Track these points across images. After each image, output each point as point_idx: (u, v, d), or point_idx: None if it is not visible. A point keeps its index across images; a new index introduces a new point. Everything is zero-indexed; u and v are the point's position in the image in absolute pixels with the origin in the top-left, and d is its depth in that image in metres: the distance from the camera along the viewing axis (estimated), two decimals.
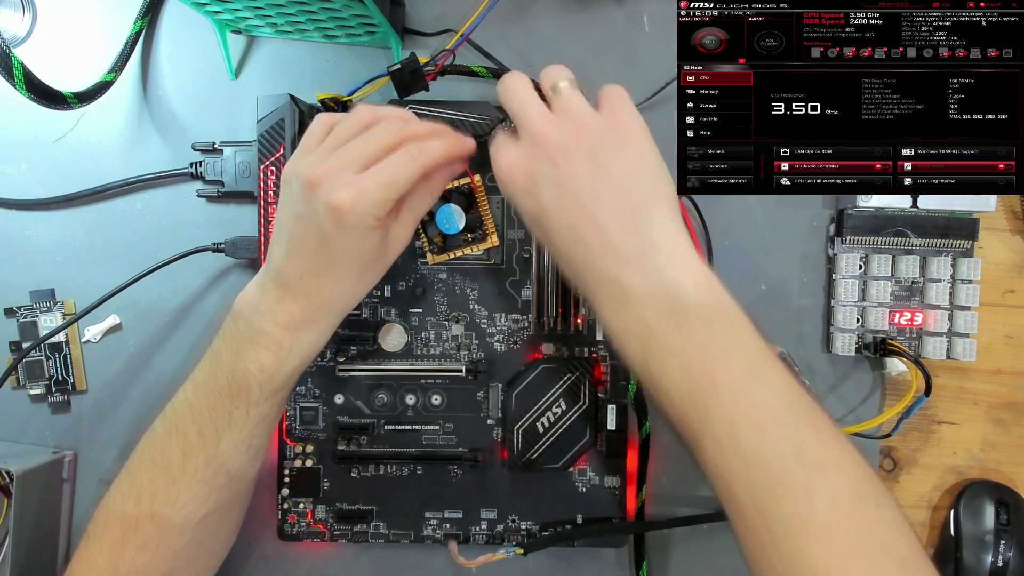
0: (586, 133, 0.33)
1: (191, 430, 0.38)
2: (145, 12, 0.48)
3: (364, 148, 0.36)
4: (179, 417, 0.39)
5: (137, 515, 0.38)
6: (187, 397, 0.39)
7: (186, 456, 0.38)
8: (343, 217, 0.34)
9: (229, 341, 0.38)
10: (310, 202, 0.35)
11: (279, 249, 0.37)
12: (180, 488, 0.38)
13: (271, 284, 0.37)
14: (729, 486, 0.30)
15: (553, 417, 0.46)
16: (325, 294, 0.37)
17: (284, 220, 0.37)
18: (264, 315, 0.37)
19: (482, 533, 0.48)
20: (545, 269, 0.46)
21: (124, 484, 0.39)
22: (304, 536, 0.48)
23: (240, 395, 0.37)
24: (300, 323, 0.37)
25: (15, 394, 0.49)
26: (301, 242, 0.36)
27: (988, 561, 0.46)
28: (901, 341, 0.47)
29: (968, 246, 0.47)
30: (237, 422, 0.38)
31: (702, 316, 0.32)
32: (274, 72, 0.50)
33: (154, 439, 0.39)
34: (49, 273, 0.49)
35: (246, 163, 0.47)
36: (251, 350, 0.37)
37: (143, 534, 0.38)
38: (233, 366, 0.37)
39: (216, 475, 0.38)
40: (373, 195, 0.34)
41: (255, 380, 0.37)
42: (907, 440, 0.50)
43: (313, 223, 0.35)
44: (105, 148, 0.49)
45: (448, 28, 0.48)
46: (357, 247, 0.36)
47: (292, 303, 0.37)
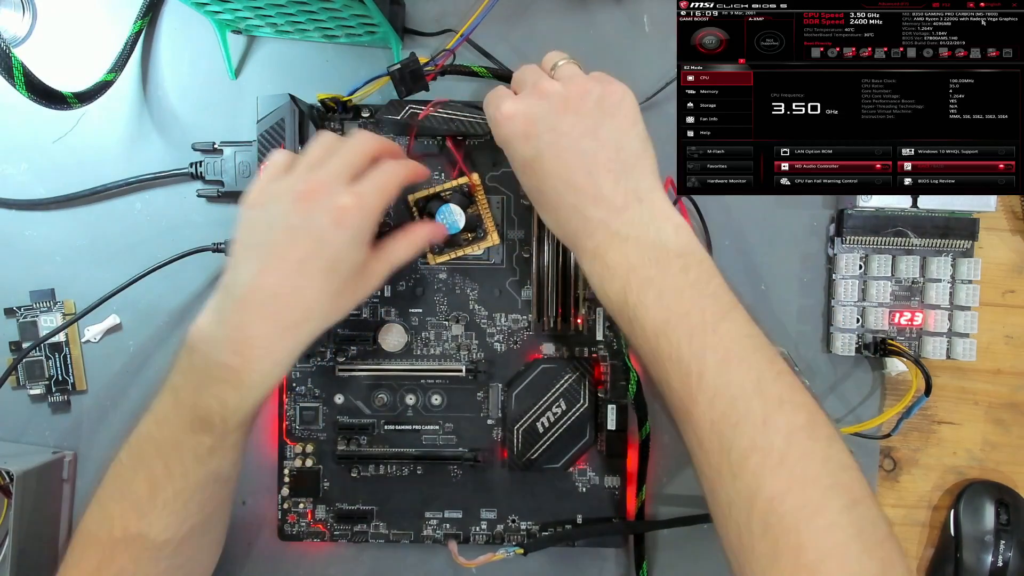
0: (586, 94, 0.36)
1: (157, 464, 0.37)
2: (145, 12, 0.48)
3: (347, 158, 0.38)
4: (143, 451, 0.37)
5: (111, 546, 0.37)
6: (149, 431, 0.38)
7: (154, 490, 0.36)
8: (345, 219, 0.36)
9: (187, 376, 0.37)
10: (308, 211, 0.36)
11: (251, 267, 0.36)
12: (151, 520, 0.37)
13: (233, 308, 0.36)
14: (693, 418, 0.33)
15: (553, 417, 0.46)
16: (298, 310, 0.36)
17: (259, 238, 0.37)
18: (223, 346, 0.36)
19: (482, 533, 0.48)
20: (545, 269, 0.46)
21: (96, 513, 0.38)
22: (304, 536, 0.48)
23: (205, 430, 0.36)
24: (263, 351, 0.36)
25: (15, 394, 0.49)
26: (284, 253, 0.36)
27: (988, 561, 0.46)
28: (901, 341, 0.47)
29: (968, 246, 0.47)
30: (203, 456, 0.37)
31: (681, 260, 0.34)
32: (274, 72, 0.50)
33: (121, 471, 0.38)
34: (49, 273, 0.49)
35: (246, 163, 0.47)
36: (211, 385, 0.36)
37: (118, 563, 0.37)
38: (194, 402, 0.36)
39: (187, 505, 0.37)
40: (371, 199, 0.37)
41: (218, 416, 0.36)
42: (907, 440, 0.50)
43: (308, 231, 0.36)
44: (105, 148, 0.49)
45: (448, 28, 0.48)
46: (345, 256, 0.37)
47: (256, 327, 0.35)
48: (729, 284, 0.36)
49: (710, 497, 0.34)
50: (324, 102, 0.46)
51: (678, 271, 0.34)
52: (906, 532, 0.50)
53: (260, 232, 0.37)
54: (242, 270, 0.37)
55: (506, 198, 0.48)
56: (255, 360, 0.36)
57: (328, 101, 0.46)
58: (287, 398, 0.48)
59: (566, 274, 0.46)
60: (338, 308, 0.38)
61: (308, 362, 0.48)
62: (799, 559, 0.30)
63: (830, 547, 0.30)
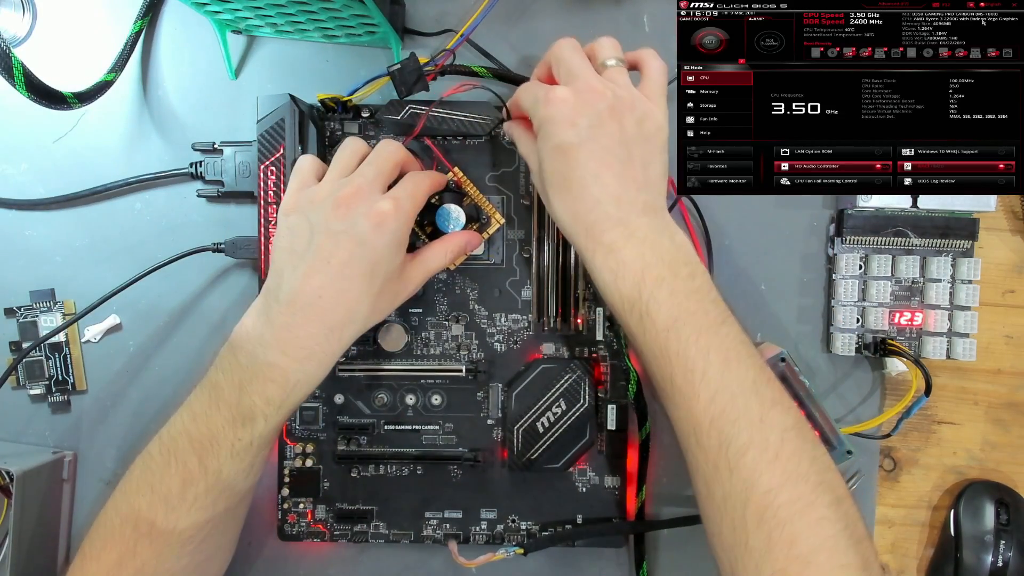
0: (632, 110, 0.38)
1: (191, 460, 0.38)
2: (145, 12, 0.48)
3: (380, 166, 0.40)
4: (177, 445, 0.38)
5: (135, 540, 0.38)
6: (185, 426, 0.38)
7: (186, 485, 0.37)
8: (385, 223, 0.38)
9: (229, 375, 0.38)
10: (347, 216, 0.38)
11: (296, 272, 0.38)
12: (179, 515, 0.38)
13: (280, 309, 0.38)
14: (694, 415, 0.35)
15: (553, 417, 0.46)
16: (341, 312, 0.38)
17: (302, 244, 0.38)
18: (270, 346, 0.37)
19: (482, 533, 0.48)
20: (545, 269, 0.46)
21: (122, 507, 0.39)
22: (304, 536, 0.48)
23: (245, 427, 0.37)
24: (308, 351, 0.38)
25: (15, 394, 0.49)
26: (328, 257, 0.37)
27: (988, 561, 0.46)
28: (901, 341, 0.47)
29: (968, 246, 0.47)
30: (240, 452, 0.38)
31: (688, 268, 0.37)
32: (274, 72, 0.50)
33: (151, 465, 0.39)
34: (49, 273, 0.49)
35: (246, 163, 0.47)
36: (256, 383, 0.37)
37: (140, 558, 0.38)
38: (238, 400, 0.37)
39: (216, 501, 0.38)
40: (407, 204, 0.39)
41: (261, 413, 0.37)
42: (907, 440, 0.50)
43: (350, 234, 0.38)
44: (105, 148, 0.49)
45: (448, 28, 0.48)
46: (385, 259, 0.39)
47: (303, 328, 0.37)
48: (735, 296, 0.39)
49: (704, 494, 0.35)
50: (324, 102, 0.46)
51: (687, 276, 0.36)
52: (906, 532, 0.50)
53: (303, 238, 0.38)
54: (287, 275, 0.38)
55: (506, 198, 0.48)
56: (302, 360, 0.37)
57: (328, 101, 0.46)
58: None
59: (566, 274, 0.46)
60: (378, 311, 0.40)
61: None
62: (791, 551, 0.31)
63: (821, 540, 0.32)
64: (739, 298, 0.49)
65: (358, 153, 0.42)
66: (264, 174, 0.45)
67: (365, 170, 0.40)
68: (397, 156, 0.42)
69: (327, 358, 0.39)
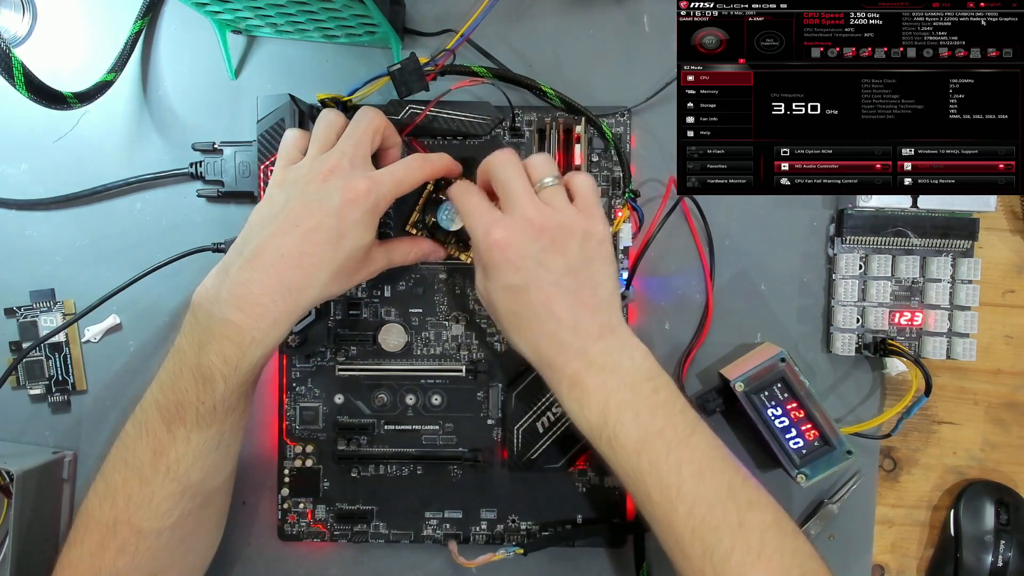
0: (572, 236, 0.38)
1: (160, 428, 0.38)
2: (145, 12, 0.48)
3: (357, 136, 0.40)
4: (147, 416, 0.39)
5: (114, 518, 0.38)
6: (154, 396, 0.39)
7: (157, 455, 0.38)
8: (357, 199, 0.38)
9: (190, 336, 0.38)
10: (323, 186, 0.38)
11: (263, 231, 0.38)
12: (153, 488, 0.38)
13: (241, 265, 0.38)
14: (674, 528, 0.36)
15: (553, 417, 0.46)
16: (300, 273, 0.38)
17: (277, 206, 0.39)
18: (226, 303, 0.37)
19: (482, 533, 0.48)
20: None
21: (100, 487, 0.39)
22: (304, 536, 0.48)
23: (206, 389, 0.37)
24: (263, 308, 0.37)
25: (15, 394, 0.49)
26: (297, 221, 0.38)
27: (988, 561, 0.46)
28: (901, 341, 0.47)
29: (968, 246, 0.47)
30: (205, 417, 0.38)
31: (651, 383, 0.38)
32: (274, 72, 0.50)
33: (125, 440, 0.39)
34: (49, 273, 0.49)
35: (246, 163, 0.47)
36: (213, 342, 0.37)
37: (121, 537, 0.38)
38: (197, 360, 0.37)
39: (189, 472, 0.39)
40: (384, 188, 0.39)
41: (219, 373, 0.37)
42: (907, 440, 0.50)
43: (322, 203, 0.38)
44: (105, 148, 0.49)
45: (448, 28, 0.48)
46: (352, 235, 0.39)
47: (259, 283, 0.37)
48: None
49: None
50: (324, 102, 0.46)
51: (650, 392, 0.37)
52: (906, 532, 0.50)
53: (278, 205, 0.39)
54: (254, 234, 0.39)
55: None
56: (256, 317, 0.37)
57: (328, 101, 0.46)
58: (287, 398, 0.48)
59: None
60: (336, 284, 0.40)
61: (308, 362, 0.48)
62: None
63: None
64: (739, 298, 0.49)
65: (334, 126, 0.42)
66: (264, 174, 0.45)
67: (343, 144, 0.40)
68: (374, 124, 0.41)
69: (282, 318, 0.38)
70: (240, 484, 0.48)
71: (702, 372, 0.49)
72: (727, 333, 0.49)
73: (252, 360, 0.38)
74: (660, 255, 0.49)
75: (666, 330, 0.49)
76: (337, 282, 0.40)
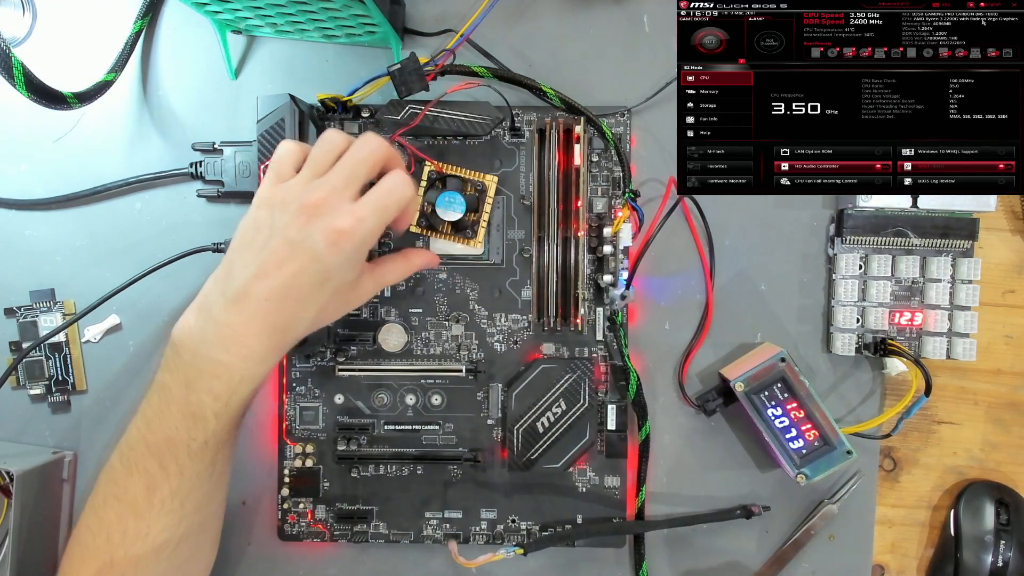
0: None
1: (151, 464, 0.37)
2: (145, 12, 0.48)
3: (353, 169, 0.38)
4: (135, 453, 0.38)
5: (110, 553, 0.37)
6: (140, 433, 0.38)
7: (150, 491, 0.37)
8: (341, 241, 0.36)
9: (175, 373, 0.37)
10: (306, 227, 0.37)
11: (246, 271, 0.37)
12: (149, 521, 0.37)
13: (225, 307, 0.37)
14: None
15: (553, 417, 0.46)
16: (286, 316, 0.37)
17: (260, 241, 0.37)
18: (213, 344, 0.37)
19: (482, 533, 0.48)
20: (545, 269, 0.46)
21: (92, 522, 0.39)
22: (304, 536, 0.48)
23: (197, 426, 0.37)
24: (250, 350, 0.37)
25: (15, 394, 0.49)
26: (280, 263, 0.36)
27: (988, 561, 0.46)
28: (901, 341, 0.47)
29: (968, 246, 0.47)
30: (196, 452, 0.37)
31: None
32: (274, 72, 0.50)
33: (114, 476, 0.38)
34: (49, 273, 0.49)
35: (246, 163, 0.47)
36: (201, 380, 0.37)
37: (119, 568, 0.37)
38: (186, 398, 0.37)
39: (184, 504, 0.38)
40: (370, 223, 0.37)
41: (210, 410, 0.37)
42: (907, 440, 0.50)
43: (305, 246, 0.36)
44: (105, 148, 0.49)
45: (448, 28, 0.48)
46: (338, 275, 0.38)
47: (246, 327, 0.36)
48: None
49: None
50: (324, 102, 0.46)
51: None
52: (906, 532, 0.50)
53: (262, 237, 0.37)
54: (237, 270, 0.37)
55: (506, 198, 0.48)
56: (243, 357, 0.37)
57: (328, 101, 0.46)
58: (287, 398, 0.48)
59: (566, 274, 0.46)
60: (324, 317, 0.40)
61: (308, 362, 0.48)
62: None
63: None
64: (739, 298, 0.49)
65: (335, 149, 0.39)
66: (264, 174, 0.44)
67: (335, 176, 0.38)
68: (375, 156, 0.39)
69: (270, 355, 0.38)
70: (240, 484, 0.48)
71: (702, 372, 0.49)
72: (727, 333, 0.49)
73: (242, 396, 0.38)
74: (660, 255, 0.49)
75: (666, 330, 0.49)
76: (325, 317, 0.39)
